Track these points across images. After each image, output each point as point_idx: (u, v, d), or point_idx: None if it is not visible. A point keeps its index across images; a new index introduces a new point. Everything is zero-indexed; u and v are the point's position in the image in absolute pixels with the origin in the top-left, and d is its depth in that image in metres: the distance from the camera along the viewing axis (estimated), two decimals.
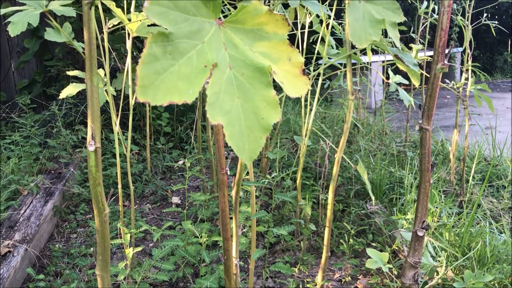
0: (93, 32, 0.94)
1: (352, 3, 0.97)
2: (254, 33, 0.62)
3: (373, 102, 4.39)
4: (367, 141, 2.56)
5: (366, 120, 3.18)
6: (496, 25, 1.95)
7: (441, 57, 0.90)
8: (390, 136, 2.98)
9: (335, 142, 2.54)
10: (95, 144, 0.95)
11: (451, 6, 0.89)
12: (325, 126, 3.11)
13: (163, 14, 0.54)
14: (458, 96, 1.86)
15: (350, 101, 1.35)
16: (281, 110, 0.64)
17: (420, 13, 2.17)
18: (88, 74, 0.95)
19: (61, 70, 3.18)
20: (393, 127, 3.51)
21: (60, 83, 3.24)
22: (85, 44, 0.93)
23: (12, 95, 3.44)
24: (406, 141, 2.66)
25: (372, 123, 3.16)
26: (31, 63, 3.44)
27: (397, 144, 2.63)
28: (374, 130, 2.75)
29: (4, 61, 3.46)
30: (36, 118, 2.83)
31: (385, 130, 3.01)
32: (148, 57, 0.53)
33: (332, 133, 2.62)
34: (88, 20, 0.93)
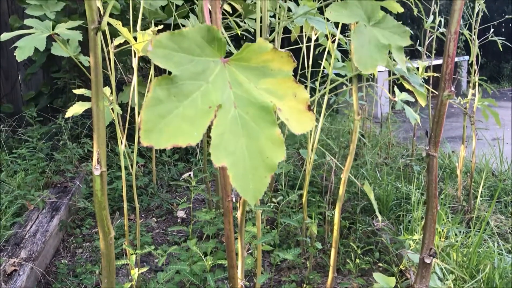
0: (99, 58, 0.94)
1: (357, 29, 0.97)
2: (259, 70, 0.62)
3: (379, 112, 4.37)
4: (374, 154, 2.55)
5: (372, 131, 3.16)
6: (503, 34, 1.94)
7: (448, 84, 0.89)
8: (396, 148, 2.97)
9: (341, 156, 2.53)
10: (100, 169, 0.95)
11: (457, 33, 0.88)
12: (331, 138, 3.10)
13: (168, 57, 0.54)
14: (465, 112, 1.85)
15: (356, 121, 1.34)
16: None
17: (426, 27, 2.16)
18: (94, 99, 0.95)
19: (68, 82, 3.19)
20: (400, 138, 3.50)
21: (66, 95, 3.26)
22: (91, 69, 0.94)
23: (19, 107, 3.46)
24: (412, 155, 2.64)
25: (378, 135, 3.15)
26: (38, 75, 3.46)
27: (404, 158, 2.62)
28: (381, 144, 2.73)
29: (12, 73, 3.48)
30: (42, 131, 2.84)
31: (392, 141, 3.00)
32: (152, 100, 0.53)
33: (338, 147, 2.61)
34: (94, 45, 0.93)
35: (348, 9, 0.98)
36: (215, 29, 0.58)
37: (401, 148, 3.04)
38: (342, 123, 3.60)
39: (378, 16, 1.04)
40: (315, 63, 2.16)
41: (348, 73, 2.00)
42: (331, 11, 0.97)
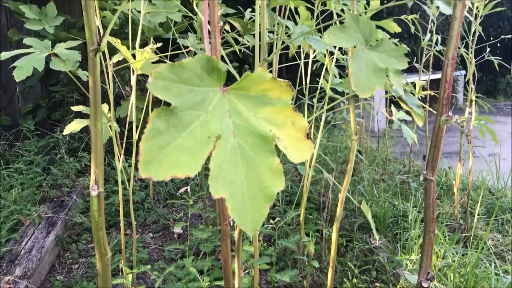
0: (98, 78, 0.94)
1: (355, 52, 0.98)
2: (258, 99, 0.62)
3: (376, 126, 4.39)
4: (371, 170, 2.55)
5: (369, 146, 3.17)
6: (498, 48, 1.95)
7: (446, 109, 0.90)
8: (393, 164, 2.97)
9: (338, 172, 2.53)
10: (98, 189, 0.95)
11: (455, 58, 0.89)
12: (328, 153, 3.10)
13: (167, 88, 0.54)
14: (462, 130, 1.86)
15: (353, 141, 1.34)
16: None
17: (423, 45, 2.18)
18: (92, 119, 0.95)
19: (66, 95, 3.19)
20: (397, 153, 3.50)
21: (64, 108, 3.26)
22: (90, 89, 0.94)
23: (16, 119, 3.46)
24: (409, 171, 2.64)
25: (375, 151, 3.16)
26: (36, 88, 3.46)
27: (401, 174, 2.62)
28: (378, 160, 2.74)
29: (9, 86, 3.49)
30: (40, 144, 2.83)
31: (389, 157, 3.00)
32: (152, 132, 0.53)
33: (335, 162, 2.61)
34: (93, 66, 0.93)
35: (346, 33, 0.99)
36: (214, 60, 0.58)
37: (398, 163, 3.04)
38: (339, 137, 3.60)
39: (377, 38, 1.05)
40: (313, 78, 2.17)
41: (345, 89, 2.01)
42: (329, 35, 0.98)
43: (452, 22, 0.87)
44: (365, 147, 3.11)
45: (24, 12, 1.79)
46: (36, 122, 3.25)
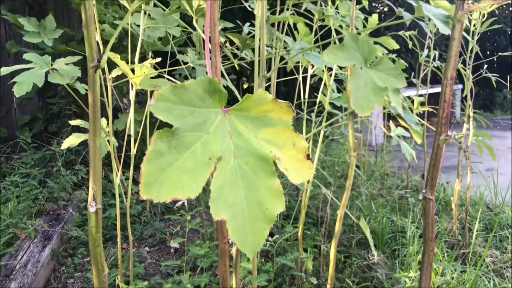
0: (98, 95, 0.94)
1: (354, 71, 0.98)
2: (259, 120, 0.62)
3: (373, 139, 4.40)
4: (369, 185, 2.55)
5: (367, 161, 3.17)
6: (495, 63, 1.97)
7: (445, 128, 0.90)
8: (391, 179, 2.97)
9: (336, 186, 2.52)
10: (96, 206, 0.95)
11: (453, 78, 0.89)
12: (326, 167, 3.10)
13: (169, 110, 0.54)
14: (460, 147, 1.87)
15: (352, 157, 1.34)
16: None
17: (421, 61, 2.19)
18: (91, 136, 0.94)
19: (63, 108, 3.19)
20: (395, 167, 3.50)
21: (61, 120, 3.25)
22: (89, 106, 0.93)
23: (13, 131, 3.45)
24: (407, 186, 2.65)
25: (373, 165, 3.16)
26: (34, 100, 3.46)
27: (399, 190, 2.62)
28: (376, 175, 2.74)
29: (7, 98, 3.49)
30: (36, 157, 2.83)
31: (386, 171, 3.01)
32: (153, 153, 0.53)
33: (333, 176, 2.61)
34: (93, 83, 0.93)
35: (345, 52, 1.00)
36: (216, 82, 0.58)
37: (396, 178, 3.04)
38: (337, 150, 3.61)
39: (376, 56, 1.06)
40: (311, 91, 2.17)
41: (343, 104, 2.02)
42: (328, 53, 0.99)
43: (451, 42, 0.87)
44: (363, 161, 3.11)
45: (23, 25, 1.79)
46: (33, 134, 3.25)
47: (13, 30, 3.39)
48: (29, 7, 3.32)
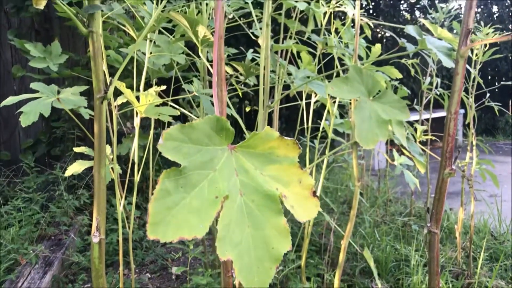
0: (104, 125, 0.95)
1: (358, 104, 0.99)
2: (265, 157, 0.62)
3: (376, 164, 4.39)
4: (373, 212, 2.54)
5: (370, 186, 3.16)
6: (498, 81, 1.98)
7: (449, 162, 0.90)
8: (394, 205, 2.96)
9: (339, 213, 2.51)
10: (99, 236, 0.94)
11: (458, 113, 0.90)
12: (329, 192, 3.09)
13: (177, 149, 0.55)
14: (463, 175, 1.86)
15: (356, 187, 1.34)
16: None
17: (423, 88, 2.20)
18: (96, 166, 0.95)
19: (67, 131, 3.21)
20: (398, 192, 3.49)
21: (65, 144, 3.26)
22: (95, 137, 0.94)
23: (16, 155, 3.46)
24: (411, 213, 2.63)
25: (376, 190, 3.15)
26: (37, 123, 3.47)
27: (403, 217, 2.60)
28: (379, 202, 2.73)
29: (11, 120, 3.50)
30: (39, 180, 2.82)
31: (389, 197, 2.99)
32: (161, 193, 0.53)
33: (336, 202, 2.60)
34: (99, 114, 0.94)
35: (349, 85, 1.01)
36: (223, 120, 0.59)
37: (399, 204, 3.03)
38: (339, 175, 3.60)
39: (381, 88, 1.07)
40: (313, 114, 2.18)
41: (346, 130, 2.02)
42: (333, 86, 0.99)
43: (455, 77, 0.88)
44: (365, 186, 3.10)
45: (30, 50, 1.81)
46: (36, 157, 3.25)
47: (19, 54, 3.43)
48: (36, 32, 3.37)
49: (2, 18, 3.34)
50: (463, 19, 0.88)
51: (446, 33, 1.35)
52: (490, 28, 1.71)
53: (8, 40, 3.22)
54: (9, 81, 3.50)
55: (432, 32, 1.41)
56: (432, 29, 1.39)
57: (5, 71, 3.44)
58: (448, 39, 1.37)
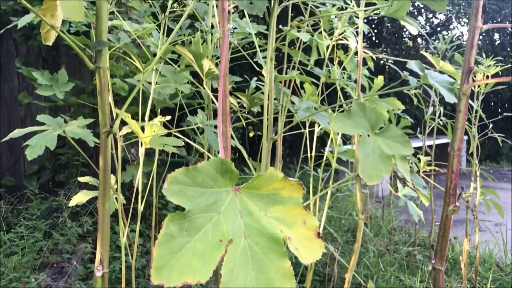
0: (109, 159, 0.96)
1: (362, 139, 1.00)
2: (269, 198, 0.63)
3: (380, 190, 4.37)
4: (377, 241, 2.52)
5: (374, 214, 3.15)
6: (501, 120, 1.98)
7: (453, 199, 0.90)
8: (399, 233, 2.94)
9: (343, 241, 2.50)
10: (102, 270, 0.94)
11: (461, 150, 0.90)
12: (333, 219, 3.08)
13: (182, 192, 0.55)
14: (467, 206, 1.86)
15: (360, 220, 1.34)
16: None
17: (426, 118, 2.21)
18: (101, 200, 0.95)
19: (71, 158, 3.22)
20: (401, 220, 3.47)
21: (69, 170, 3.27)
22: (100, 170, 0.95)
23: (21, 180, 3.47)
24: (415, 242, 2.61)
25: (379, 218, 3.13)
26: None
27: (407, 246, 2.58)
28: (383, 231, 2.71)
29: (16, 147, 3.53)
30: (43, 207, 2.83)
31: (393, 225, 2.97)
32: (165, 237, 0.53)
33: (340, 231, 2.59)
34: (105, 148, 0.95)
35: (352, 120, 1.01)
36: (228, 162, 0.60)
37: (404, 233, 3.01)
38: (343, 202, 3.58)
39: (384, 118, 1.08)
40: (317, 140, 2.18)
41: (349, 158, 2.02)
42: (336, 121, 1.00)
43: (457, 115, 0.89)
44: (369, 214, 3.08)
45: (37, 78, 1.84)
46: (40, 183, 3.26)
47: (26, 81, 3.48)
48: (43, 60, 3.42)
49: (11, 46, 3.40)
50: (464, 57, 0.89)
51: (448, 66, 1.37)
52: (491, 60, 1.73)
53: (16, 68, 3.27)
54: (15, 107, 3.54)
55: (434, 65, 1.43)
56: (434, 62, 1.40)
57: (12, 97, 3.48)
58: (450, 72, 1.38)
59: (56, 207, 2.90)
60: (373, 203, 3.41)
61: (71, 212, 2.85)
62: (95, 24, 0.91)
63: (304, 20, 2.06)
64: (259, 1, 0.90)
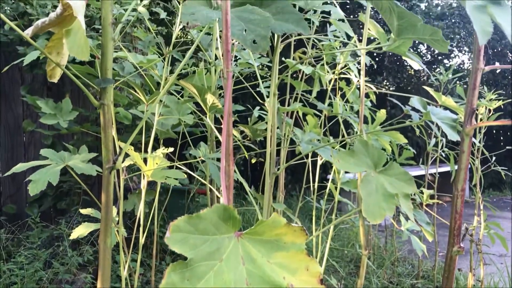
0: (111, 195, 0.95)
1: (365, 178, 0.99)
2: (272, 243, 0.62)
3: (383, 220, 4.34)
4: (380, 273, 2.49)
5: (377, 244, 3.12)
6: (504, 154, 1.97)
7: (457, 239, 0.89)
8: (402, 265, 2.90)
9: (345, 272, 2.46)
10: None
11: (464, 190, 0.90)
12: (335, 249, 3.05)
13: (184, 240, 0.55)
14: (471, 240, 1.84)
15: (363, 256, 1.33)
16: None
17: (429, 150, 2.22)
18: (102, 236, 0.95)
19: (73, 186, 3.21)
20: (405, 250, 3.43)
21: (71, 198, 3.27)
22: (102, 206, 0.95)
23: (22, 208, 3.46)
24: (419, 275, 2.58)
25: (383, 248, 3.10)
26: None
27: (410, 278, 2.55)
28: (387, 263, 2.68)
29: (18, 175, 3.53)
30: (43, 236, 2.81)
31: (397, 255, 2.94)
32: (167, 286, 0.53)
33: (343, 262, 2.56)
34: (107, 184, 0.95)
35: (356, 158, 1.02)
36: (230, 209, 0.59)
37: (407, 264, 2.97)
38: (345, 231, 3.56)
39: (387, 150, 1.08)
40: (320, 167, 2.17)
41: (352, 189, 2.02)
42: (339, 159, 1.00)
43: (460, 155, 0.89)
44: (372, 243, 3.06)
45: (41, 107, 1.85)
46: (41, 210, 3.25)
47: (30, 109, 3.50)
48: (47, 88, 3.45)
49: (16, 74, 3.43)
50: (467, 98, 0.89)
51: (450, 101, 1.37)
52: (493, 93, 1.74)
53: (20, 96, 3.30)
54: (19, 134, 3.55)
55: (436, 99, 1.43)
56: (436, 96, 1.41)
57: (16, 125, 3.50)
58: (452, 107, 1.39)
59: (57, 236, 2.88)
60: (376, 232, 3.38)
61: (72, 241, 2.83)
62: (100, 62, 0.93)
63: (306, 51, 2.09)
64: (262, 41, 0.91)
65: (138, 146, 3.15)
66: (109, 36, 0.90)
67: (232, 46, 2.19)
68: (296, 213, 1.99)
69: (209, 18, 0.94)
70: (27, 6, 2.87)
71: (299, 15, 1.02)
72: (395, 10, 0.90)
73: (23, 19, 2.89)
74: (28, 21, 2.87)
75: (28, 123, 3.31)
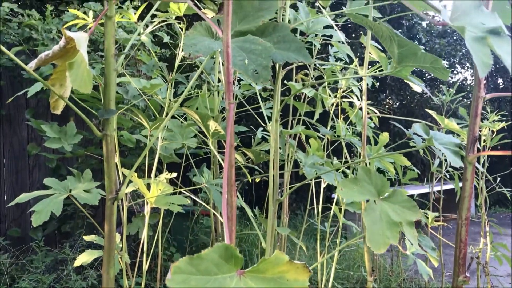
0: (114, 225, 0.95)
1: (369, 206, 0.99)
2: (275, 281, 0.62)
3: None
4: None
5: (383, 265, 3.09)
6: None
7: (462, 269, 0.88)
8: (409, 285, 2.87)
9: None
10: None
11: (469, 219, 0.89)
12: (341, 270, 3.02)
13: (185, 282, 0.55)
14: (478, 262, 1.82)
15: (369, 282, 1.31)
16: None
17: (433, 170, 2.21)
18: (105, 266, 0.94)
19: (77, 209, 3.21)
20: (411, 270, 3.39)
21: (75, 221, 3.26)
22: (105, 236, 0.94)
23: (26, 231, 3.45)
24: None
25: (389, 269, 3.07)
26: None
27: None
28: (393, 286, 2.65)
29: None
30: (47, 260, 2.80)
31: (403, 276, 2.91)
32: None
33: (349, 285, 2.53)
34: (110, 214, 0.94)
35: (359, 185, 1.01)
36: (232, 248, 0.59)
37: (414, 284, 2.94)
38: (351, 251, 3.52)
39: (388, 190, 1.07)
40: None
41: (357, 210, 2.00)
42: (343, 187, 1.00)
43: (464, 183, 0.88)
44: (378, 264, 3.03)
45: (46, 131, 1.85)
46: (45, 234, 3.25)
47: (35, 132, 3.52)
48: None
49: (21, 98, 3.46)
50: (469, 126, 0.89)
51: (453, 124, 1.37)
52: (496, 115, 1.74)
53: (25, 120, 3.32)
54: (24, 157, 3.56)
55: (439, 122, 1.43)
56: (439, 120, 1.41)
57: (21, 148, 3.52)
58: (455, 130, 1.38)
59: (61, 259, 2.87)
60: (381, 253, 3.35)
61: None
62: (103, 93, 0.93)
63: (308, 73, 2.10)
64: (264, 71, 0.92)
65: (141, 168, 3.15)
66: (112, 67, 0.90)
67: (235, 72, 2.20)
68: (301, 235, 1.98)
69: (211, 49, 0.94)
70: (32, 31, 2.90)
71: (300, 43, 1.02)
72: (395, 39, 0.91)
73: (29, 44, 2.92)
74: (33, 46, 2.90)
75: (33, 147, 3.33)
